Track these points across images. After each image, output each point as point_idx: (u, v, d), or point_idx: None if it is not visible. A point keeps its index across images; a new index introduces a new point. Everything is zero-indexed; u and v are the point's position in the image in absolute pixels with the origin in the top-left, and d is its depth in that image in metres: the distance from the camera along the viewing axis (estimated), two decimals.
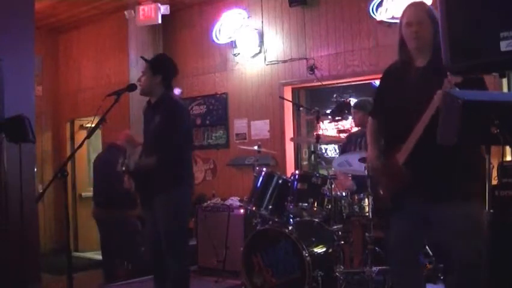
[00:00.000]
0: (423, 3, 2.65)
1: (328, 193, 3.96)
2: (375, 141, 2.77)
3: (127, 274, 5.36)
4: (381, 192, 2.74)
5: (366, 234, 3.83)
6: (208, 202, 5.64)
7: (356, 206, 4.00)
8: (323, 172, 4.37)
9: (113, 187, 4.67)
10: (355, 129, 5.09)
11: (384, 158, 2.65)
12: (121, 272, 5.42)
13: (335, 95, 5.76)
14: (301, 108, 5.99)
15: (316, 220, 4.12)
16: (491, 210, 1.80)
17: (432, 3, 4.95)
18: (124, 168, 3.33)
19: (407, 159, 2.45)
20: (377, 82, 5.70)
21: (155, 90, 3.43)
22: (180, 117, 3.42)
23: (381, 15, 5.23)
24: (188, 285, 3.43)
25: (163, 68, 3.46)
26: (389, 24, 5.21)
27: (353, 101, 5.08)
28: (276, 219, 4.18)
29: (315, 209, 4.01)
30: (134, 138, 3.60)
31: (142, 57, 3.60)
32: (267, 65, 6.10)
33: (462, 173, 2.36)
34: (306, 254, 3.73)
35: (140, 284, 5.00)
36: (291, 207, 4.03)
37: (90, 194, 7.67)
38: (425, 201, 2.46)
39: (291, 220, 4.24)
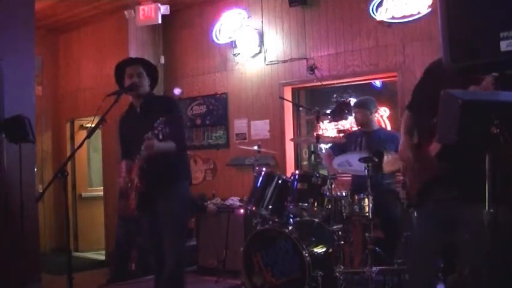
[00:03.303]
0: None
1: (328, 193, 3.95)
2: (408, 133, 2.77)
3: (132, 274, 5.39)
4: (408, 184, 2.73)
5: (366, 234, 3.84)
6: (208, 202, 5.64)
7: (356, 206, 4.01)
8: (323, 172, 4.37)
9: None
10: (355, 129, 5.09)
11: (417, 149, 2.65)
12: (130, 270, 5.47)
13: (335, 95, 5.75)
14: (301, 108, 5.99)
15: (316, 220, 4.12)
16: (491, 210, 1.80)
17: (432, 3, 4.97)
18: (150, 137, 3.00)
19: (440, 152, 2.43)
20: (377, 82, 5.72)
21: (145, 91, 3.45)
22: (180, 110, 3.70)
23: (381, 15, 5.23)
24: (184, 285, 3.41)
25: (156, 74, 3.56)
26: (389, 24, 5.21)
27: (353, 101, 5.08)
28: (276, 219, 4.18)
29: (315, 209, 4.02)
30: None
31: (143, 59, 3.65)
32: (267, 65, 6.10)
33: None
34: (306, 254, 3.74)
35: (139, 284, 5.00)
36: (291, 207, 4.04)
37: (90, 194, 7.71)
38: (454, 199, 2.43)
39: (291, 220, 4.24)
